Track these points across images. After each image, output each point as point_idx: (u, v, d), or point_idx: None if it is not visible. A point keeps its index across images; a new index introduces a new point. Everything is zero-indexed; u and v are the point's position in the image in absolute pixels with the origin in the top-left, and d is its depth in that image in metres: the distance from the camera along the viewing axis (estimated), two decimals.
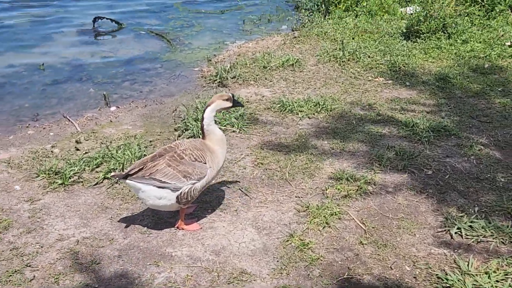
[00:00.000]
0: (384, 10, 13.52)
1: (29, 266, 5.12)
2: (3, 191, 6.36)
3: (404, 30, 11.99)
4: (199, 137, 6.03)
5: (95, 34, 13.24)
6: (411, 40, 11.63)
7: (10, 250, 5.33)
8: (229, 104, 5.57)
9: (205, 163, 5.41)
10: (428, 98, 8.95)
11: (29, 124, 8.48)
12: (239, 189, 6.38)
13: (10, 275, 4.98)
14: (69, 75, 10.62)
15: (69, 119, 8.54)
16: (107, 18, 13.82)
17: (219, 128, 7.42)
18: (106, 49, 12.13)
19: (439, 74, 9.74)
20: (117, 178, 5.30)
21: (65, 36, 13.05)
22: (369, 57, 10.64)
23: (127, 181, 5.22)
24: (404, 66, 10.27)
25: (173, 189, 5.29)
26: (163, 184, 5.25)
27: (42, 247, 5.38)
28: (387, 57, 10.57)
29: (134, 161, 6.71)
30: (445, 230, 5.64)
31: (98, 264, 5.15)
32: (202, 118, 5.51)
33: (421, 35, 11.55)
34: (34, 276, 4.99)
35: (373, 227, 5.69)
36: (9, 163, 6.99)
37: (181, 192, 5.31)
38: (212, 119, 5.52)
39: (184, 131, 7.75)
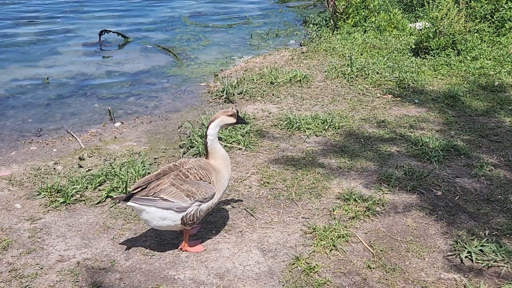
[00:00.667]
0: (393, 26, 13.47)
1: None
2: (3, 209, 6.29)
3: (413, 46, 11.93)
4: (204, 156, 5.93)
5: (101, 48, 13.25)
6: (420, 57, 11.57)
7: (9, 271, 5.25)
8: (233, 120, 5.50)
9: (210, 183, 5.34)
10: (438, 116, 8.87)
11: (32, 140, 8.44)
12: (245, 209, 6.31)
13: None
14: (73, 89, 10.62)
15: (72, 135, 8.51)
16: (113, 32, 13.85)
17: (224, 146, 7.43)
18: (112, 63, 12.14)
19: (448, 92, 9.65)
20: (118, 201, 5.22)
21: (71, 50, 13.08)
22: (377, 73, 10.58)
23: (129, 203, 5.14)
24: (413, 83, 10.20)
25: (176, 209, 5.21)
26: (166, 204, 5.17)
27: (41, 268, 5.30)
28: (395, 74, 10.51)
29: (138, 179, 6.66)
30: (455, 254, 5.53)
31: (99, 287, 5.06)
32: (206, 135, 5.44)
33: (431, 52, 11.48)
34: None
35: (381, 250, 5.60)
36: (10, 180, 6.94)
37: (186, 214, 5.25)
38: (216, 136, 5.45)
39: (189, 148, 7.70)
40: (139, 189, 5.22)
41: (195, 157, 6.93)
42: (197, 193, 5.25)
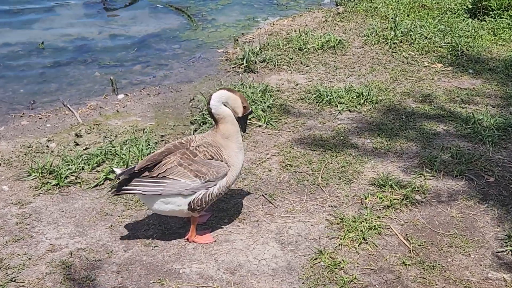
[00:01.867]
0: None
1: (14, 281, 5.21)
2: None
3: (470, 6, 11.78)
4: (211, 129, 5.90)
5: (104, 8, 13.32)
6: (478, 18, 11.43)
7: None
8: (240, 112, 5.55)
9: (222, 161, 5.45)
10: (495, 90, 8.81)
11: (23, 113, 8.62)
12: (262, 195, 6.38)
13: None
14: (72, 56, 10.74)
15: (69, 108, 8.64)
16: None
17: None
18: (116, 26, 12.23)
19: (510, 60, 9.55)
20: (115, 192, 5.37)
21: (70, 10, 13.17)
22: (426, 38, 10.52)
23: (127, 188, 5.30)
24: (468, 50, 10.11)
25: (185, 191, 5.34)
26: (173, 186, 5.30)
27: (30, 258, 5.46)
28: (447, 39, 10.42)
29: (141, 159, 6.76)
30: (506, 250, 5.55)
31: (93, 281, 5.21)
32: (209, 105, 5.46)
33: (491, 12, 11.33)
34: None
35: (419, 245, 5.63)
36: None
37: (194, 199, 5.36)
38: (220, 104, 5.47)
39: (201, 124, 7.79)
40: (142, 168, 5.35)
41: (201, 133, 6.96)
42: (208, 173, 5.36)
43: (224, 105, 5.49)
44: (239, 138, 5.61)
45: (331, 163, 6.94)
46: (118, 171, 5.43)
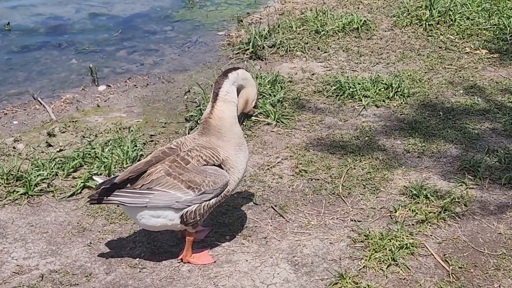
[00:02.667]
0: None
1: None
2: None
3: None
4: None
5: None
6: None
7: None
8: (248, 107, 5.60)
9: (220, 164, 5.40)
10: None
11: None
12: (271, 207, 6.36)
13: None
14: (44, 39, 10.71)
15: (40, 102, 8.62)
16: None
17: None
18: (97, 3, 12.20)
19: None
20: (91, 200, 5.33)
21: None
22: (468, 18, 10.50)
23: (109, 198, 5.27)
24: None
25: (176, 204, 5.32)
26: (161, 198, 5.26)
27: None
28: (493, 20, 10.41)
29: (126, 164, 6.80)
30: None
31: None
32: (219, 87, 5.41)
33: None
34: None
35: (460, 267, 5.58)
36: None
37: (187, 211, 5.33)
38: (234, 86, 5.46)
39: (197, 122, 7.71)
40: (124, 179, 5.30)
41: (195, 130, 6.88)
42: (203, 183, 5.32)
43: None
44: (237, 132, 5.54)
45: (354, 168, 6.91)
46: (98, 180, 5.39)
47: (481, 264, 5.65)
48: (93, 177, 5.89)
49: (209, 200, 5.38)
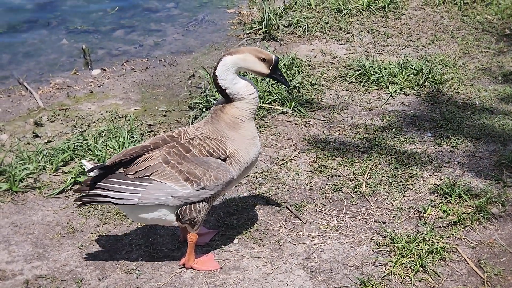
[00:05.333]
0: None
1: None
2: None
3: None
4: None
5: None
6: None
7: None
8: (263, 69, 5.33)
9: (226, 157, 5.26)
10: None
11: None
12: (286, 207, 6.24)
13: None
14: (31, 16, 10.66)
15: (27, 87, 8.56)
16: None
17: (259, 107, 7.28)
18: None
19: None
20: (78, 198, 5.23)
21: None
22: None
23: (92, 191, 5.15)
24: None
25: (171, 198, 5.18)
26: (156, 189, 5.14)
27: None
28: None
29: None
30: None
31: None
32: (215, 76, 5.25)
33: None
34: None
35: (496, 274, 5.49)
36: None
37: (182, 208, 5.20)
38: (231, 77, 5.24)
39: (203, 110, 7.68)
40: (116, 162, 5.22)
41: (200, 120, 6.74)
42: (203, 178, 5.15)
43: (243, 74, 5.29)
44: (252, 126, 5.41)
45: (379, 164, 6.81)
46: (88, 165, 5.27)
47: None
48: (82, 161, 5.75)
49: (209, 197, 5.26)
